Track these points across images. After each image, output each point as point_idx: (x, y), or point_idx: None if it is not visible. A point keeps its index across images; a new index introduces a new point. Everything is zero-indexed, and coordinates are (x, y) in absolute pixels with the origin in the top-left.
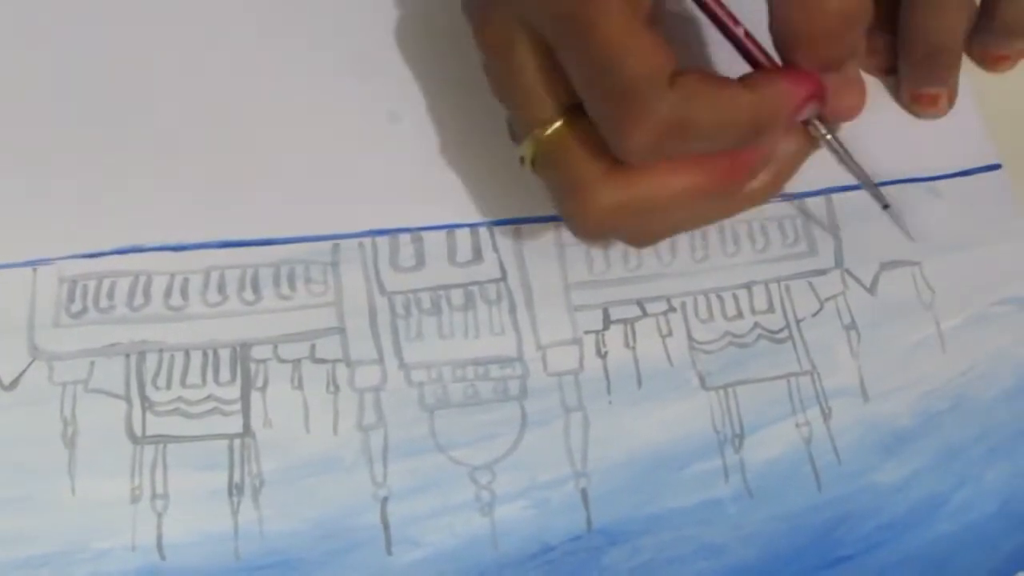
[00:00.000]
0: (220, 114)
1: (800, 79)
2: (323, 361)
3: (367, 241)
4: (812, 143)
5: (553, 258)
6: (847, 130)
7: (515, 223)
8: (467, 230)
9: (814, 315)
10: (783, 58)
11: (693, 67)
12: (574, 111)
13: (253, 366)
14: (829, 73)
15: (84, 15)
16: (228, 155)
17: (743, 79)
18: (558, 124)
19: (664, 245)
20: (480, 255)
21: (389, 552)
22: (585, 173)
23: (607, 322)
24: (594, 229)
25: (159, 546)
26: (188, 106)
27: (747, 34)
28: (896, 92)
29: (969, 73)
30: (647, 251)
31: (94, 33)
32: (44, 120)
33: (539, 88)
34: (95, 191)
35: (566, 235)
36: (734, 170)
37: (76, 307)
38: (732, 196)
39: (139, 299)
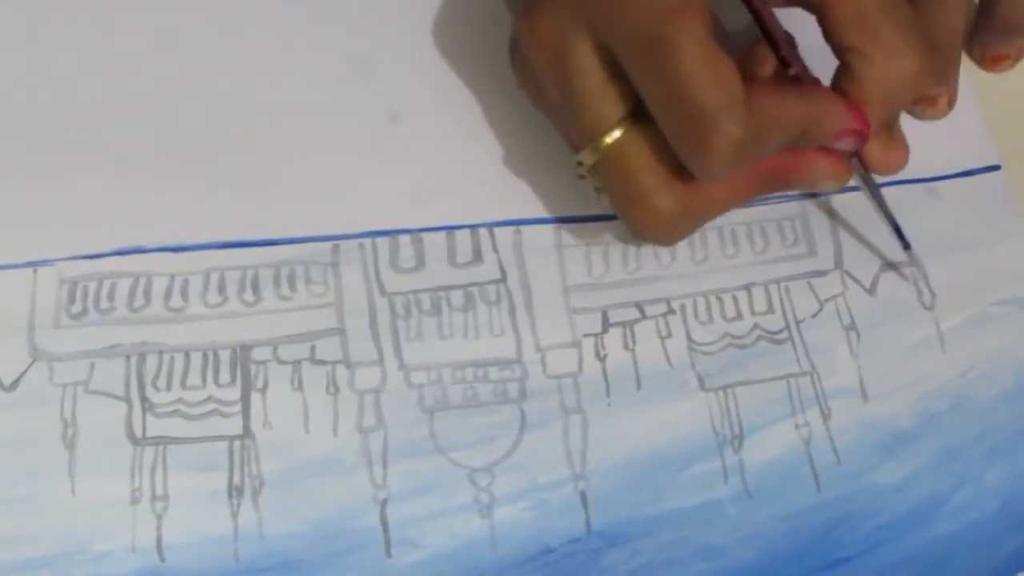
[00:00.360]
0: (220, 115)
1: (854, 110)
2: (323, 362)
3: (367, 242)
4: (847, 174)
5: (552, 260)
6: None
7: (515, 224)
8: (467, 231)
9: (814, 316)
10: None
11: (759, 82)
12: (633, 117)
13: (253, 367)
14: (881, 129)
15: (84, 16)
16: (228, 156)
17: (801, 88)
18: (620, 133)
19: (664, 248)
20: (480, 256)
21: (388, 554)
22: (648, 182)
23: (606, 325)
24: (657, 235)
25: (159, 548)
26: (188, 107)
27: (792, 44)
28: None
29: (968, 73)
30: (646, 253)
31: (95, 34)
32: (44, 121)
33: (600, 96)
34: (95, 192)
35: (566, 237)
36: (779, 178)
37: (76, 308)
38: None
39: (139, 300)
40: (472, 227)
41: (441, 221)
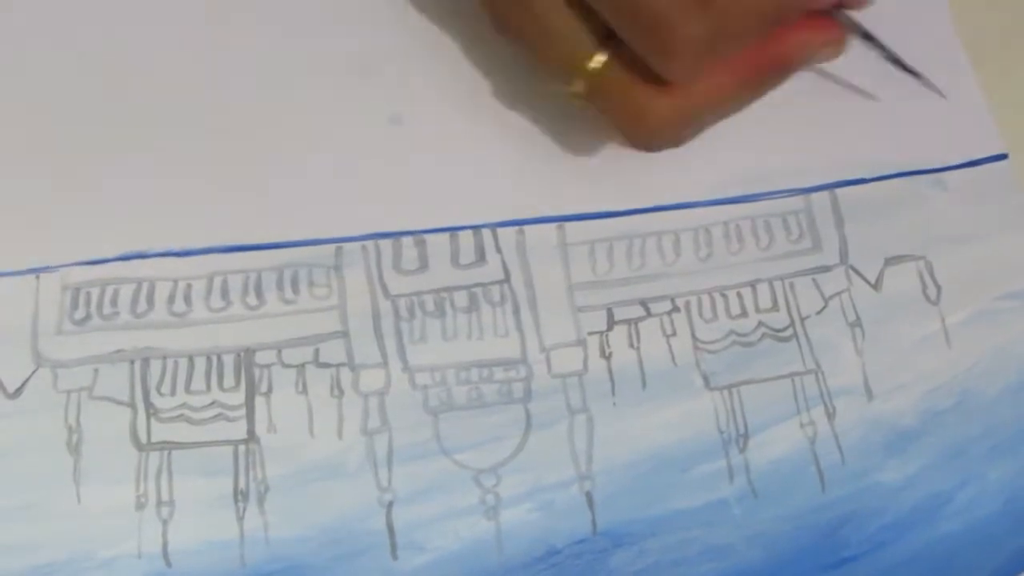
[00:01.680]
0: (221, 118)
1: None
2: (327, 365)
3: (370, 244)
4: (842, 34)
5: (556, 259)
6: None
7: (518, 224)
8: (470, 232)
9: (819, 312)
10: None
11: None
12: (612, 38)
13: (257, 371)
14: None
15: (84, 18)
16: (230, 159)
17: None
18: (603, 56)
19: (668, 243)
20: (483, 257)
21: (395, 557)
22: (640, 96)
23: (611, 323)
24: (659, 143)
25: (165, 553)
26: (189, 110)
27: None
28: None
29: (973, 59)
30: (651, 250)
31: (95, 36)
32: (45, 126)
33: (575, 24)
34: (97, 198)
35: (569, 235)
36: (774, 64)
37: (80, 314)
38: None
39: (142, 305)
40: (475, 228)
41: (444, 222)
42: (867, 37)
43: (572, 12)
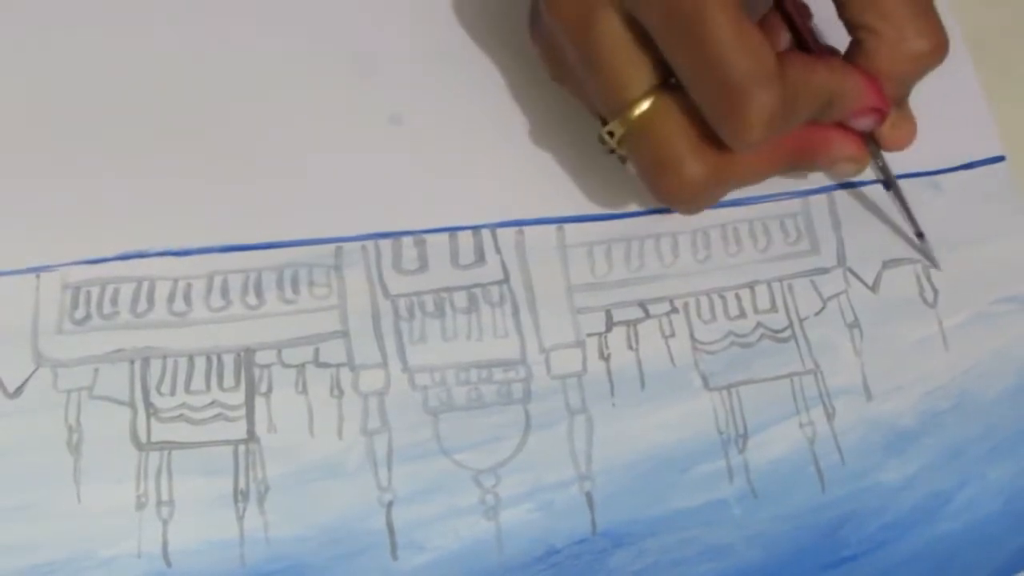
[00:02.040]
0: (221, 117)
1: (876, 89)
2: (327, 365)
3: (370, 244)
4: (866, 158)
5: (556, 260)
6: None
7: (517, 225)
8: (469, 232)
9: (817, 314)
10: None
11: (789, 52)
12: (662, 87)
13: (257, 371)
14: (893, 108)
15: (84, 18)
16: (230, 159)
17: (827, 59)
18: (649, 104)
19: (666, 246)
20: (483, 257)
21: (394, 556)
22: (677, 149)
23: (610, 324)
24: (687, 201)
25: (165, 553)
26: (190, 110)
27: (807, 16)
28: None
29: (972, 63)
30: (649, 252)
31: (94, 36)
32: (45, 126)
33: (628, 67)
34: (97, 197)
35: (568, 237)
36: (805, 153)
37: (80, 313)
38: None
39: (143, 305)
40: (475, 228)
41: (444, 222)
42: (890, 181)
43: (631, 53)
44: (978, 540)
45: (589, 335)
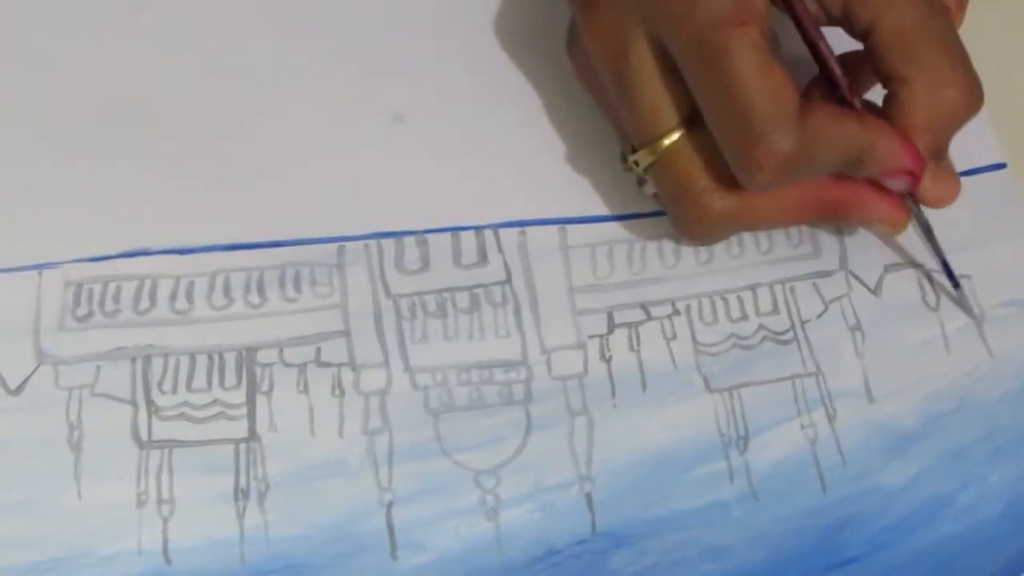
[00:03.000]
0: (224, 116)
1: (911, 149)
2: (328, 365)
3: (372, 243)
4: (904, 219)
5: (558, 261)
6: None
7: (520, 225)
8: (472, 232)
9: (819, 316)
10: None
11: (816, 101)
12: (691, 120)
13: (258, 370)
14: (930, 160)
15: (88, 18)
16: (233, 158)
17: (861, 115)
18: (678, 136)
19: (669, 248)
20: (485, 257)
21: (394, 556)
22: (700, 183)
23: (611, 326)
24: (702, 233)
25: (165, 550)
26: (192, 108)
27: (843, 72)
28: None
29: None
30: (651, 254)
31: (98, 36)
32: (49, 124)
33: (660, 98)
34: (100, 195)
35: (571, 238)
36: (836, 207)
37: (82, 311)
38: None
39: (145, 303)
40: (477, 228)
41: (446, 222)
42: (928, 234)
43: (664, 85)
44: (979, 543)
45: (591, 336)
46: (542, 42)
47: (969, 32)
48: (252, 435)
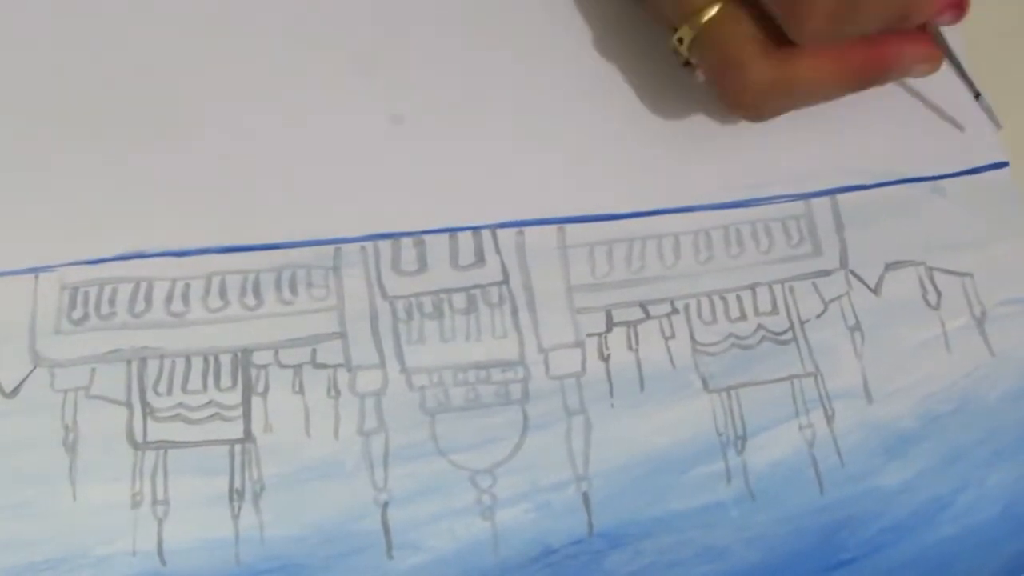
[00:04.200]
0: (220, 117)
1: None
2: (324, 366)
3: (369, 245)
4: (938, 54)
5: (555, 261)
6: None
7: (517, 226)
8: (469, 233)
9: (818, 316)
10: None
11: None
12: None
13: (254, 371)
14: None
15: (85, 20)
16: (229, 159)
17: None
18: (716, 8)
19: (668, 246)
20: (482, 258)
21: (390, 557)
22: (743, 53)
23: (610, 324)
24: (749, 103)
25: (160, 552)
26: (189, 110)
27: None
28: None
29: (975, 68)
30: (650, 253)
31: (95, 37)
32: (45, 126)
33: None
34: (96, 198)
35: (569, 237)
36: (873, 65)
37: (77, 314)
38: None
39: (140, 305)
40: (474, 229)
41: (443, 223)
42: (950, 56)
43: None
44: (976, 545)
45: (589, 335)
46: (541, 42)
47: (970, 31)
48: (248, 436)
